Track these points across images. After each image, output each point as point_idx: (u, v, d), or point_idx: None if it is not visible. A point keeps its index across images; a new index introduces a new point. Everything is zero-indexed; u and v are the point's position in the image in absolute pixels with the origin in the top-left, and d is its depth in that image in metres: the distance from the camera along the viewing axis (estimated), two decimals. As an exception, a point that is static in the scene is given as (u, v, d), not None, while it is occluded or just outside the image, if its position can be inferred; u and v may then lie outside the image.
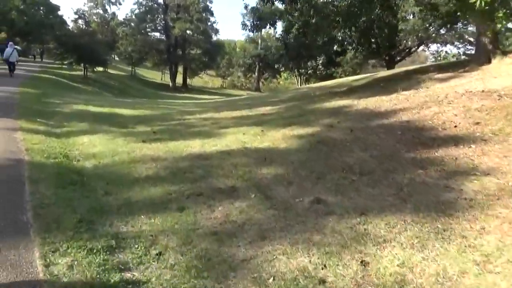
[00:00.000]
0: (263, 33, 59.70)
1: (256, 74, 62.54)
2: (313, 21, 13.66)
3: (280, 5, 13.66)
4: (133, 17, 53.84)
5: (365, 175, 5.00)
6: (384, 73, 18.99)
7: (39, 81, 20.56)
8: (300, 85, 42.34)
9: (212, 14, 52.57)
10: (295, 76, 44.97)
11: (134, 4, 51.37)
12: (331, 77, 43.25)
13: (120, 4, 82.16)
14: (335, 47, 19.28)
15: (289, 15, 12.91)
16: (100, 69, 37.72)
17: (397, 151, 5.80)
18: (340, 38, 15.02)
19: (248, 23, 13.39)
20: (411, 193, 4.31)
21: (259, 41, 61.24)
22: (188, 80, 56.68)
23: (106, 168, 5.79)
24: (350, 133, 7.01)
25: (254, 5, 14.07)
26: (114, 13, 65.48)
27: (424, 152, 5.54)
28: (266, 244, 3.45)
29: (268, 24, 13.88)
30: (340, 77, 42.69)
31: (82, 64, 29.52)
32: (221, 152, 6.54)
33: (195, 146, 7.11)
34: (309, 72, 38.73)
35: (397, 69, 22.45)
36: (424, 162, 5.21)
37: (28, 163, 5.42)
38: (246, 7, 13.48)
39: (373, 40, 15.42)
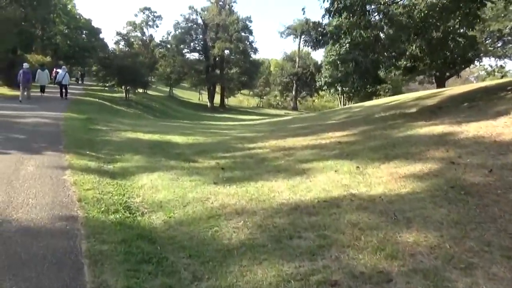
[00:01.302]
0: (301, 50, 58.76)
1: (293, 92, 61.23)
2: (386, 34, 12.11)
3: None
4: (169, 38, 54.17)
5: None
6: (454, 90, 16.90)
7: (84, 105, 20.02)
8: (344, 104, 40.37)
9: (251, 33, 52.14)
10: (337, 94, 43.15)
11: (174, 25, 51.73)
12: (374, 95, 41.06)
13: (157, 26, 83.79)
14: (403, 63, 17.45)
15: (358, 28, 11.37)
16: (140, 90, 37.56)
17: None
18: (411, 52, 13.28)
19: (310, 39, 11.99)
20: None
21: (297, 59, 60.13)
22: (225, 100, 56.16)
23: (180, 227, 4.35)
24: (490, 173, 5.26)
25: (315, 19, 12.66)
26: (151, 35, 66.47)
27: None
28: None
29: (332, 40, 12.40)
30: (379, 95, 40.47)
31: (123, 86, 29.12)
32: (324, 202, 4.95)
33: (283, 190, 5.58)
34: (353, 90, 36.80)
35: (465, 86, 20.28)
36: None
37: (84, 225, 4.05)
38: (307, 21, 12.04)
39: (448, 53, 13.55)
